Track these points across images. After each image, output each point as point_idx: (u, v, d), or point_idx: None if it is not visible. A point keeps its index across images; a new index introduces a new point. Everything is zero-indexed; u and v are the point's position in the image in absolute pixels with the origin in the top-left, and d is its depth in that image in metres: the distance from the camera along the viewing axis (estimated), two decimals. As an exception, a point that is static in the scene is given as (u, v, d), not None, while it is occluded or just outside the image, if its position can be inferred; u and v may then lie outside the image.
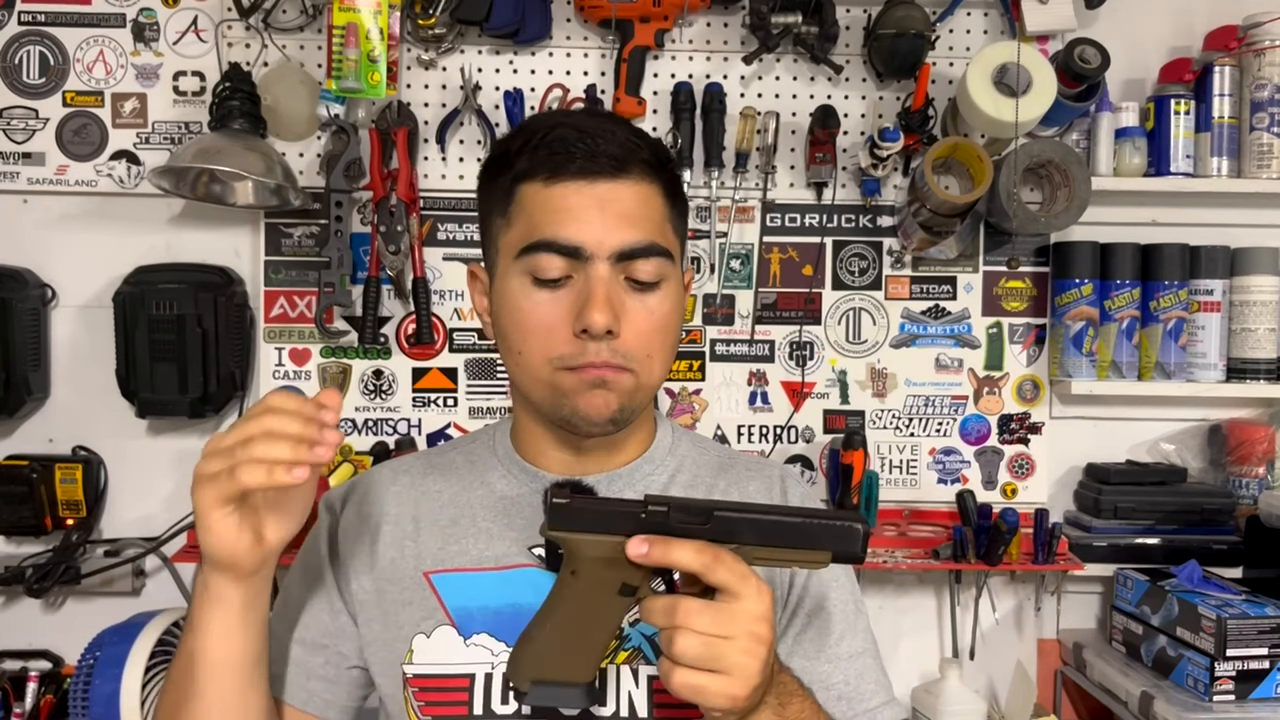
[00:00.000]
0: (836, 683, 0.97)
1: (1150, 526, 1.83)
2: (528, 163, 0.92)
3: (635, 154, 0.92)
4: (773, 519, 0.76)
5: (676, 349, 0.98)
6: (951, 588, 1.87)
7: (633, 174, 0.92)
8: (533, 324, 0.91)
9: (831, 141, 1.79)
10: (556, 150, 0.91)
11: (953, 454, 1.89)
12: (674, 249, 0.95)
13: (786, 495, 1.04)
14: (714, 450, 1.09)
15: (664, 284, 0.93)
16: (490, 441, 1.06)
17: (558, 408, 0.93)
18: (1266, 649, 1.59)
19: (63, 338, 1.87)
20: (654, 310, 0.92)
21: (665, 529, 0.75)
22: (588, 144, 0.90)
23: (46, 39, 1.84)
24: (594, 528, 0.75)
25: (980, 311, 1.89)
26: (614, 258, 0.90)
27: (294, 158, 1.82)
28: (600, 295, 0.89)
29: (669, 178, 0.96)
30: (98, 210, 1.86)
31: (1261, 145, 1.81)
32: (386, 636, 0.98)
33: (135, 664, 1.61)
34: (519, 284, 0.92)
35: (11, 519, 1.80)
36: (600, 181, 0.91)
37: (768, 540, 0.75)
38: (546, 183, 0.91)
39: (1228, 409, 1.91)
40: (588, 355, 0.89)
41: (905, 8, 1.75)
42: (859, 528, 0.76)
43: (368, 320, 1.79)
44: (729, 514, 0.75)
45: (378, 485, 1.04)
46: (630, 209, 0.91)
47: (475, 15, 1.75)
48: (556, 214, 0.90)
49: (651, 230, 0.92)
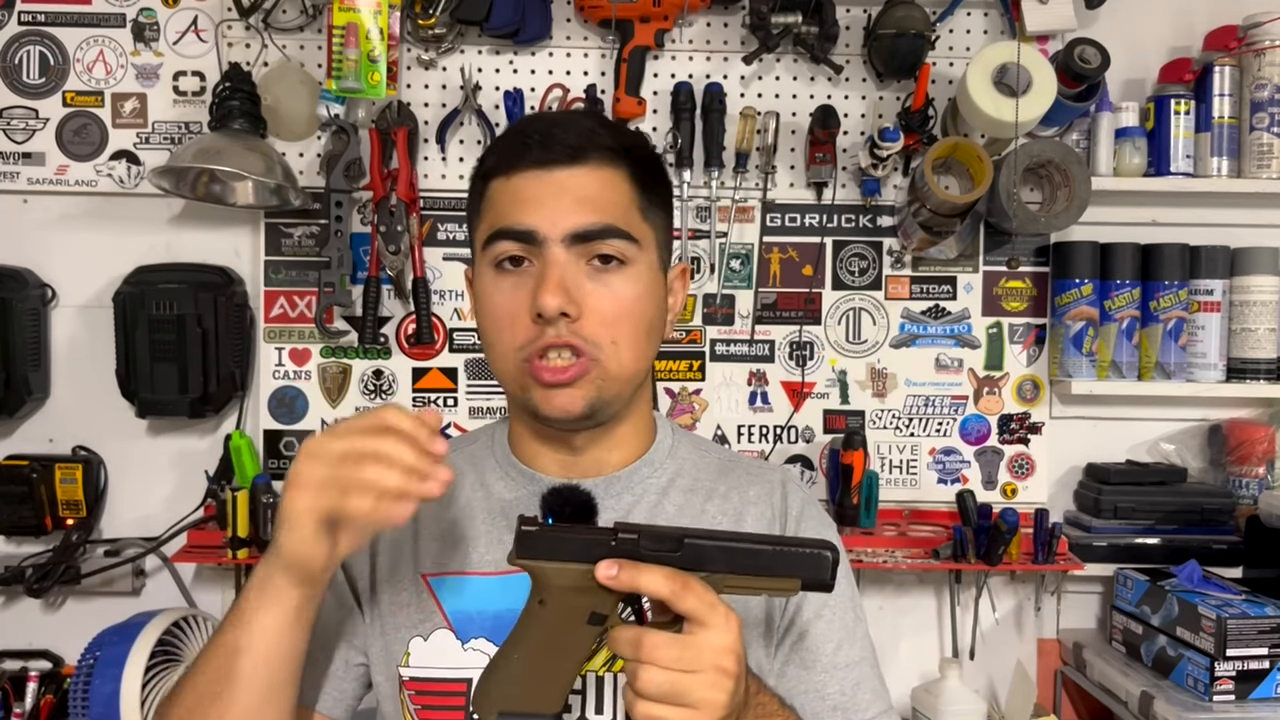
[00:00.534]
0: (832, 693, 0.97)
1: (1150, 526, 1.83)
2: (494, 159, 0.95)
3: (593, 140, 0.93)
4: (743, 547, 0.76)
5: (655, 341, 0.97)
6: (951, 588, 1.87)
7: (590, 160, 0.92)
8: (498, 313, 0.92)
9: (831, 141, 1.79)
10: (515, 143, 0.93)
11: (953, 454, 1.89)
12: (641, 234, 0.94)
13: (787, 500, 1.03)
14: (715, 453, 1.08)
15: (629, 266, 0.92)
16: (489, 443, 1.05)
17: (527, 402, 0.93)
18: (1266, 649, 1.59)
19: (63, 338, 1.87)
20: (618, 294, 0.91)
21: (635, 557, 0.74)
22: (544, 134, 0.92)
23: (46, 39, 1.84)
24: (562, 556, 0.74)
25: (980, 311, 1.89)
26: (568, 239, 0.90)
27: (294, 158, 1.82)
28: (552, 278, 0.89)
29: (638, 163, 0.96)
30: (98, 210, 1.86)
31: (1261, 145, 1.81)
32: (384, 638, 0.98)
33: (135, 664, 1.61)
34: (488, 275, 0.94)
35: (11, 519, 1.80)
36: (557, 169, 0.91)
37: (738, 568, 0.75)
38: (508, 175, 0.93)
39: (1228, 409, 1.91)
40: (545, 338, 0.89)
41: (905, 8, 1.75)
42: (829, 556, 0.76)
43: (368, 320, 1.79)
44: (699, 541, 0.75)
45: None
46: (588, 193, 0.91)
47: (475, 15, 1.75)
48: (515, 203, 0.92)
49: (611, 213, 0.92)
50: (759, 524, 1.00)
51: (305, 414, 1.85)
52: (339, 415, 1.85)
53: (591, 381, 0.91)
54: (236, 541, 1.71)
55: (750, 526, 1.00)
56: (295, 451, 1.84)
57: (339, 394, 1.85)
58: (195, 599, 1.87)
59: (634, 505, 0.99)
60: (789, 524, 1.01)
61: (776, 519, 1.01)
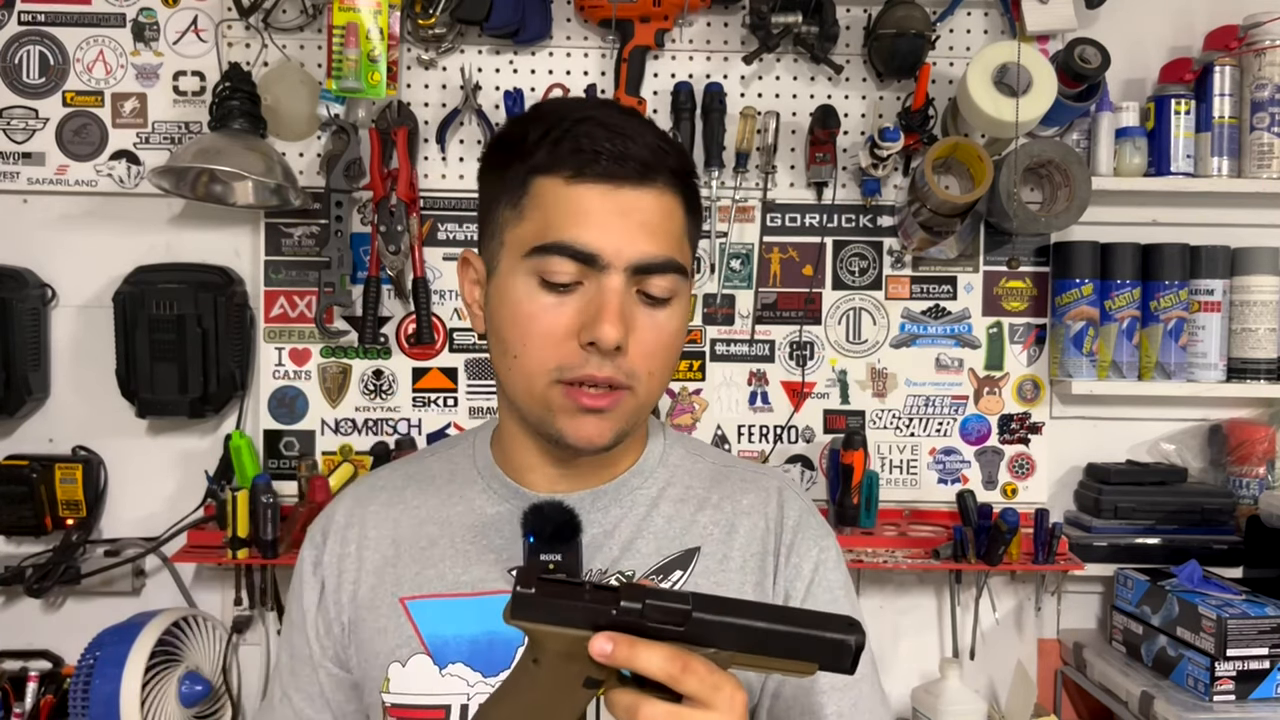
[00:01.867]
0: (829, 714, 0.93)
1: (1150, 526, 1.83)
2: (548, 156, 0.86)
3: (663, 161, 0.87)
4: (757, 626, 0.69)
5: (678, 364, 0.95)
6: (951, 588, 1.87)
7: (658, 183, 0.87)
8: (536, 329, 0.86)
9: (831, 141, 1.79)
10: (583, 147, 0.85)
11: (953, 454, 1.89)
12: (689, 265, 0.91)
13: (784, 509, 0.98)
14: (710, 457, 1.04)
15: (675, 301, 0.89)
16: (470, 450, 1.01)
17: (545, 424, 0.89)
18: (1266, 649, 1.59)
19: (63, 338, 1.87)
20: (663, 328, 0.88)
21: (638, 628, 0.68)
22: (616, 145, 0.85)
23: (46, 39, 1.84)
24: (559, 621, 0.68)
25: (980, 311, 1.88)
26: (631, 270, 0.85)
27: (294, 158, 1.82)
28: (614, 308, 0.84)
29: (691, 190, 0.92)
30: (98, 210, 1.86)
31: (1262, 145, 1.81)
32: (365, 665, 0.96)
33: (135, 664, 1.62)
34: (524, 284, 0.86)
35: (11, 519, 1.80)
36: (625, 187, 0.85)
37: (749, 649, 0.69)
38: (569, 181, 0.85)
39: (1228, 409, 1.91)
40: (589, 368, 0.85)
41: (905, 8, 1.75)
42: (850, 643, 0.69)
43: (368, 320, 1.79)
44: (708, 617, 0.68)
45: (356, 509, 1.01)
46: (652, 220, 0.86)
47: (475, 15, 1.75)
48: (576, 216, 0.85)
49: (670, 245, 0.87)
50: (752, 535, 0.96)
51: (305, 414, 1.85)
52: (339, 415, 1.85)
53: (624, 413, 0.88)
54: (236, 541, 1.71)
55: (742, 538, 0.96)
56: (295, 450, 1.85)
57: (339, 394, 1.85)
58: (195, 599, 1.87)
59: (622, 518, 0.96)
60: (784, 535, 0.97)
61: (771, 531, 0.97)
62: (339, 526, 1.00)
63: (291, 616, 1.02)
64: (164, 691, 1.65)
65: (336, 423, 1.85)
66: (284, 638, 1.03)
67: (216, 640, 1.79)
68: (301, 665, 1.00)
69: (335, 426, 1.85)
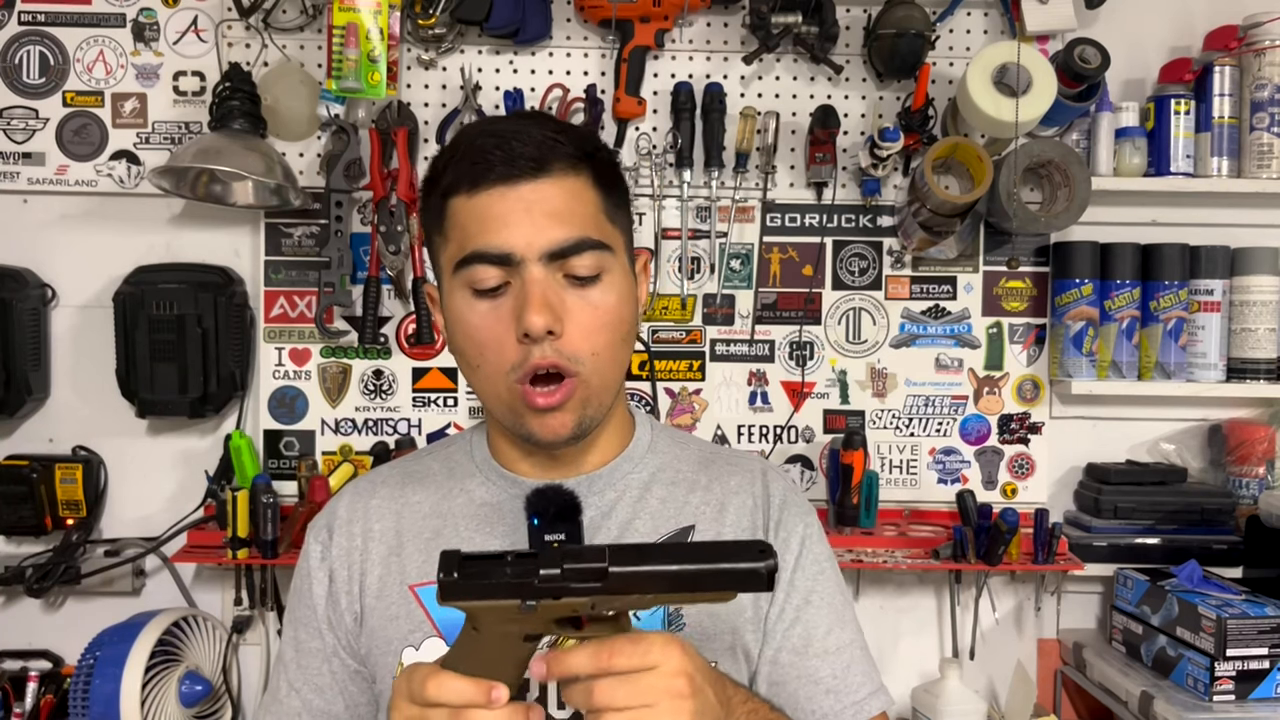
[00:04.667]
0: (824, 676, 0.98)
1: (1150, 526, 1.83)
2: (452, 175, 0.92)
3: (555, 150, 0.91)
4: (672, 570, 0.74)
5: (632, 341, 0.98)
6: (951, 588, 1.87)
7: (554, 171, 0.91)
8: (482, 337, 0.91)
9: (831, 141, 1.79)
10: (476, 159, 0.91)
11: (953, 454, 1.89)
12: (613, 240, 0.94)
13: (769, 488, 1.04)
14: (694, 445, 1.09)
15: (605, 276, 0.92)
16: (468, 447, 1.06)
17: (516, 425, 0.94)
18: (1266, 649, 1.59)
19: (63, 338, 1.87)
20: (597, 305, 0.92)
21: (560, 592, 0.73)
22: (505, 148, 0.90)
23: (46, 39, 1.84)
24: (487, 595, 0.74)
25: (980, 311, 1.89)
26: (545, 258, 0.89)
27: (294, 158, 1.82)
28: (536, 296, 0.88)
29: (599, 168, 0.95)
30: (98, 210, 1.86)
31: (1261, 145, 1.81)
32: (377, 652, 0.98)
33: (135, 664, 1.62)
34: (461, 299, 0.92)
35: (11, 519, 1.80)
36: (521, 183, 0.90)
37: (668, 590, 0.74)
38: (470, 193, 0.91)
39: (1228, 409, 1.91)
40: (533, 358, 0.89)
41: (905, 8, 1.75)
42: (762, 570, 0.74)
43: (368, 320, 1.79)
44: (625, 569, 0.73)
45: (358, 504, 1.04)
46: (557, 206, 0.90)
47: (475, 15, 1.75)
48: (484, 223, 0.90)
49: (583, 224, 0.91)
50: (741, 513, 1.02)
51: (305, 414, 1.85)
52: (339, 415, 1.85)
53: (578, 401, 0.92)
54: (236, 541, 1.71)
55: (733, 516, 1.01)
56: (295, 450, 1.85)
57: (339, 394, 1.85)
58: (195, 599, 1.87)
59: (616, 501, 1.00)
60: (772, 511, 1.02)
61: (759, 508, 1.02)
62: (343, 521, 1.03)
63: (296, 612, 1.03)
64: (164, 691, 1.65)
65: (336, 423, 1.85)
66: (288, 634, 1.04)
67: (216, 640, 1.79)
68: (310, 658, 1.01)
69: (335, 426, 1.85)
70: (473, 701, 0.73)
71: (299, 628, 1.03)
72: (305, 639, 1.02)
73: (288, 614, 1.06)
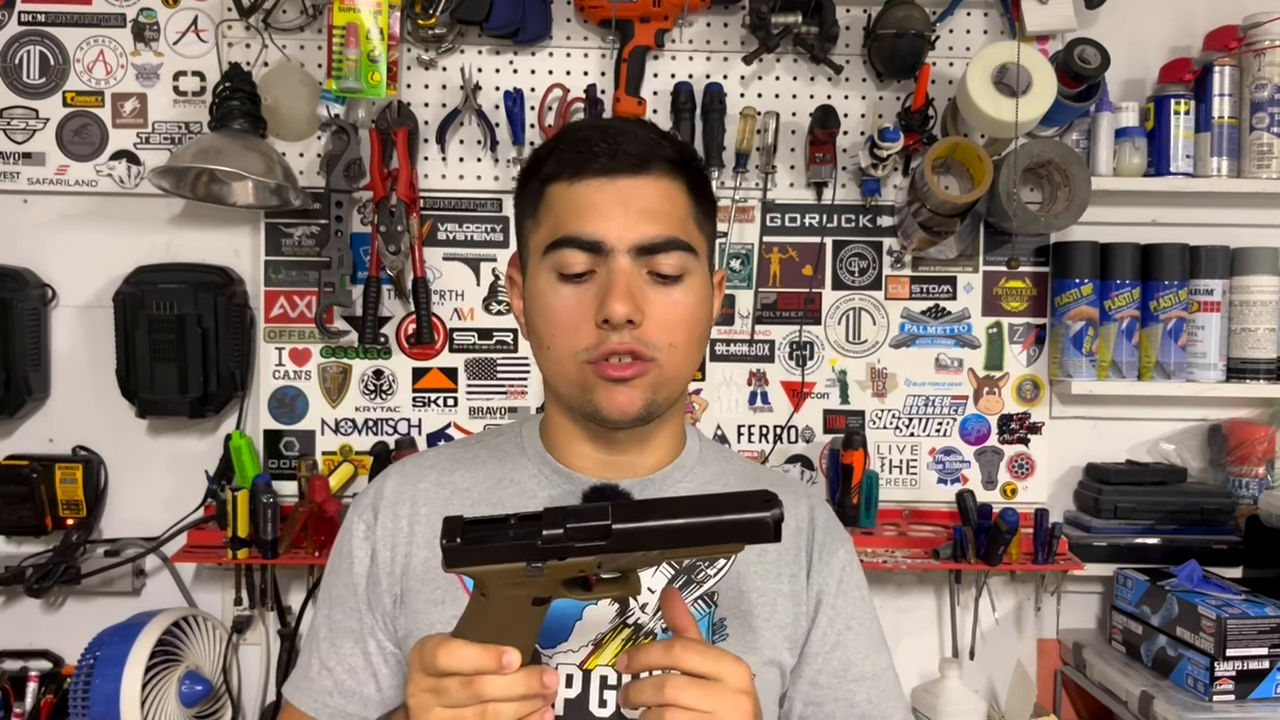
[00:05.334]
0: (860, 700, 1.01)
1: (1150, 526, 1.83)
2: (555, 164, 0.95)
3: (657, 151, 0.94)
4: (675, 524, 0.73)
5: (704, 346, 1.00)
6: (951, 588, 1.87)
7: (654, 170, 0.94)
8: (559, 318, 0.93)
9: (831, 141, 1.79)
10: (580, 150, 0.93)
11: (953, 454, 1.89)
12: (698, 245, 0.97)
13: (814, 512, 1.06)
14: (740, 462, 1.12)
15: (687, 278, 0.94)
16: (518, 439, 1.06)
17: (583, 403, 0.95)
18: (1266, 649, 1.59)
19: (63, 338, 1.87)
20: (678, 303, 0.94)
21: (565, 554, 0.73)
22: (610, 142, 0.93)
23: (46, 39, 1.84)
24: (491, 560, 0.74)
25: (980, 311, 1.89)
26: (634, 251, 0.92)
27: (294, 158, 1.82)
28: (620, 285, 0.90)
29: (693, 175, 0.98)
30: (98, 210, 1.86)
31: (1261, 145, 1.81)
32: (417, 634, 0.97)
33: (135, 664, 1.62)
34: (546, 280, 0.94)
35: (11, 519, 1.80)
36: (621, 178, 0.93)
37: (673, 545, 0.74)
38: (571, 181, 0.94)
39: (1228, 409, 1.91)
40: (609, 344, 0.91)
41: (905, 8, 1.75)
42: (768, 519, 0.73)
43: (368, 320, 1.79)
44: (628, 526, 0.73)
45: (405, 486, 1.03)
46: (652, 204, 0.93)
47: (475, 15, 1.75)
48: (580, 210, 0.93)
49: (673, 225, 0.93)
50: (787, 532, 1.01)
51: (305, 414, 1.85)
52: (339, 415, 1.85)
53: (650, 383, 0.93)
54: (236, 541, 1.71)
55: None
56: (295, 450, 1.85)
57: (339, 394, 1.85)
58: (195, 599, 1.87)
59: None
60: (816, 535, 1.04)
61: (804, 531, 1.04)
62: (389, 502, 1.03)
63: (333, 591, 1.03)
64: (164, 691, 1.65)
65: (336, 423, 1.85)
66: (322, 612, 1.04)
67: (216, 640, 1.79)
68: (343, 638, 1.01)
69: (335, 426, 1.85)
70: (483, 668, 0.74)
71: (334, 606, 1.02)
72: (340, 618, 1.02)
73: (323, 591, 1.06)
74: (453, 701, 0.74)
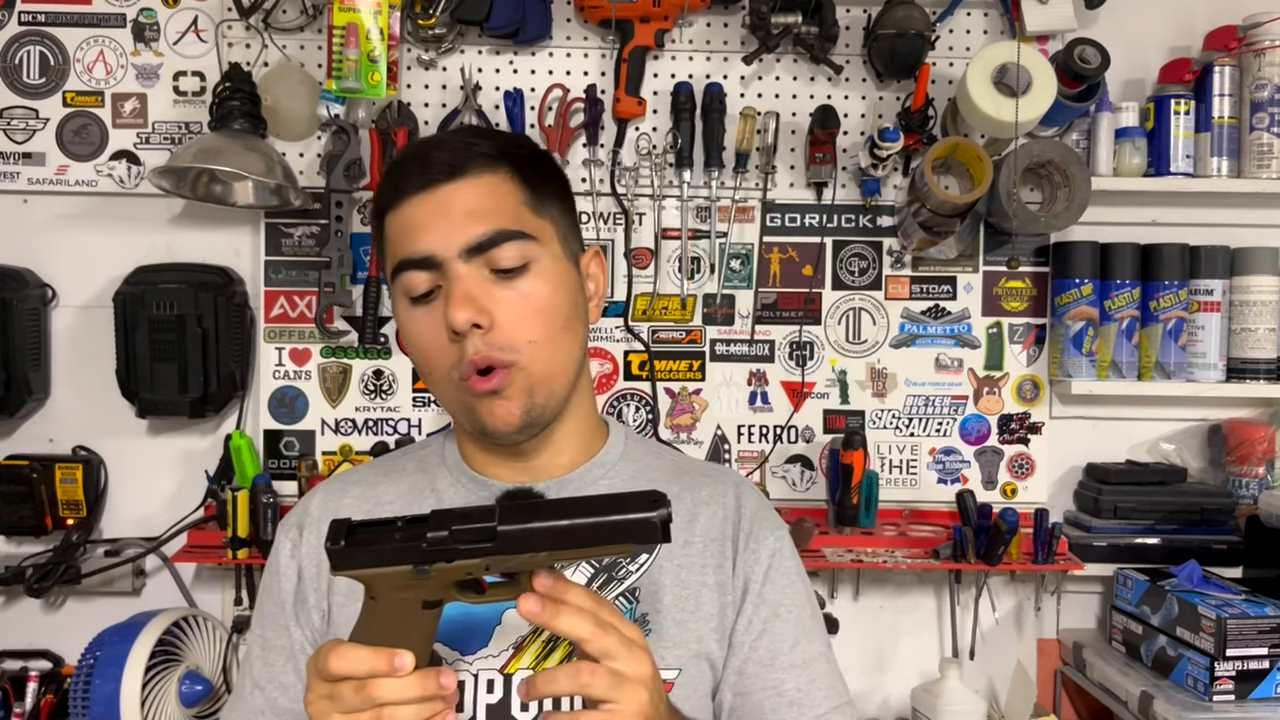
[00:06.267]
0: (789, 689, 0.98)
1: (1150, 526, 1.83)
2: (382, 195, 0.97)
3: (468, 151, 0.94)
4: (562, 525, 0.72)
5: (577, 331, 0.98)
6: (951, 588, 1.87)
7: (470, 171, 0.93)
8: (420, 341, 0.94)
9: (831, 141, 1.79)
10: (398, 175, 0.95)
11: (953, 454, 1.89)
12: (538, 230, 0.95)
13: (740, 500, 1.04)
14: (669, 456, 1.10)
15: (533, 266, 0.93)
16: (440, 451, 1.06)
17: (472, 422, 0.95)
18: (1266, 649, 1.59)
19: (63, 338, 1.87)
20: (528, 294, 0.93)
21: (449, 555, 0.72)
22: (422, 159, 0.94)
23: (46, 39, 1.84)
24: (378, 563, 0.73)
25: (980, 311, 1.89)
26: (465, 254, 0.91)
27: (294, 158, 1.82)
28: (457, 293, 0.90)
29: (519, 162, 0.96)
30: (98, 210, 1.86)
31: (1261, 145, 1.81)
32: None
33: (135, 664, 1.62)
34: (402, 308, 0.95)
35: (11, 519, 1.80)
36: (439, 188, 0.92)
37: (561, 546, 0.73)
38: (397, 206, 0.94)
39: (1228, 409, 1.91)
40: (467, 355, 0.90)
41: (905, 8, 1.75)
42: (654, 520, 0.72)
43: (368, 320, 1.79)
44: (514, 528, 0.72)
45: (330, 502, 1.03)
46: (473, 204, 0.92)
47: (475, 15, 1.75)
48: (408, 231, 0.93)
49: (501, 218, 0.92)
50: (711, 523, 1.01)
51: (305, 414, 1.85)
52: (339, 415, 1.85)
53: (521, 389, 0.93)
54: (236, 541, 1.71)
55: (702, 525, 1.01)
56: (295, 450, 1.85)
57: (339, 394, 1.85)
58: (195, 599, 1.87)
59: None
60: (743, 524, 1.02)
61: (729, 520, 1.02)
62: (314, 519, 1.03)
63: (264, 610, 1.03)
64: (164, 691, 1.65)
65: (337, 423, 1.85)
66: (254, 633, 1.04)
67: (217, 640, 1.79)
68: (276, 655, 1.00)
69: (335, 426, 1.85)
70: (375, 670, 0.73)
71: (265, 625, 1.02)
72: (271, 636, 1.01)
73: (255, 612, 1.05)
74: (348, 707, 0.73)
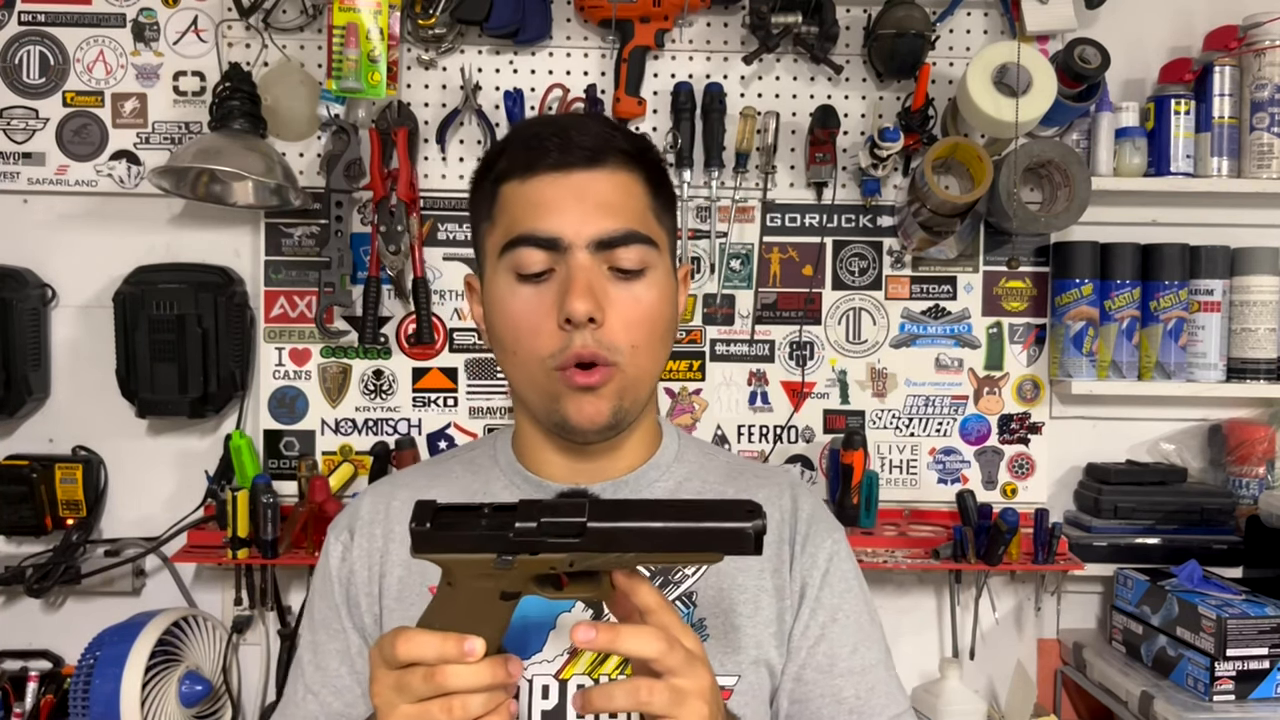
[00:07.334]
0: (848, 696, 0.96)
1: (1150, 526, 1.83)
2: (506, 163, 0.93)
3: (610, 143, 0.92)
4: (654, 527, 0.71)
5: (669, 343, 0.97)
6: (951, 588, 1.87)
7: (609, 163, 0.91)
8: (520, 320, 0.91)
9: (831, 141, 1.79)
10: (532, 146, 0.91)
11: (953, 454, 1.89)
12: (659, 238, 0.94)
13: (797, 502, 1.02)
14: (723, 457, 1.08)
15: (649, 272, 0.92)
16: (491, 450, 1.05)
17: (550, 413, 0.93)
18: (1266, 649, 1.59)
19: (63, 338, 1.87)
20: (640, 299, 0.91)
21: (535, 549, 0.71)
22: (561, 137, 0.91)
23: (46, 39, 1.84)
24: (460, 548, 0.72)
25: (980, 311, 1.89)
26: (593, 246, 0.89)
27: (294, 158, 1.82)
28: (581, 282, 0.88)
29: (650, 167, 0.96)
30: (98, 210, 1.86)
31: (1261, 145, 1.81)
32: None
33: (135, 664, 1.62)
34: (504, 282, 0.92)
35: (11, 519, 1.80)
36: (575, 172, 0.90)
37: (649, 549, 0.71)
38: (524, 179, 0.91)
39: (1228, 409, 1.91)
40: (573, 347, 0.88)
41: (905, 8, 1.75)
42: (749, 530, 0.71)
43: (368, 320, 1.79)
44: (604, 525, 0.71)
45: (380, 505, 1.03)
46: (608, 198, 0.91)
47: (475, 15, 1.75)
48: (534, 208, 0.90)
49: (631, 218, 0.91)
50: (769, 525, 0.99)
51: (305, 414, 1.85)
52: (339, 415, 1.85)
53: (615, 390, 0.91)
54: (236, 541, 1.71)
55: None
56: (295, 450, 1.85)
57: (339, 394, 1.85)
58: (195, 599, 1.87)
59: None
60: (799, 526, 1.00)
61: (786, 522, 1.01)
62: (364, 522, 1.02)
63: (316, 614, 1.02)
64: (164, 691, 1.65)
65: (337, 423, 1.85)
66: (305, 638, 1.03)
67: (217, 640, 1.79)
68: (329, 659, 1.00)
69: (335, 426, 1.85)
70: (445, 656, 0.71)
71: (318, 630, 1.01)
72: (324, 640, 1.00)
73: (306, 616, 1.04)
74: (416, 695, 0.71)
